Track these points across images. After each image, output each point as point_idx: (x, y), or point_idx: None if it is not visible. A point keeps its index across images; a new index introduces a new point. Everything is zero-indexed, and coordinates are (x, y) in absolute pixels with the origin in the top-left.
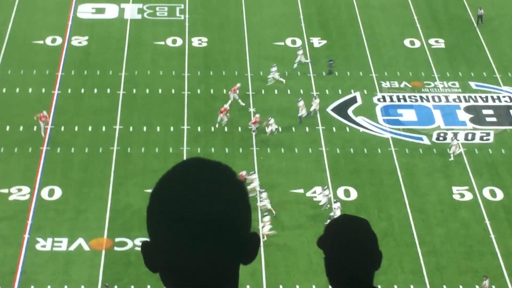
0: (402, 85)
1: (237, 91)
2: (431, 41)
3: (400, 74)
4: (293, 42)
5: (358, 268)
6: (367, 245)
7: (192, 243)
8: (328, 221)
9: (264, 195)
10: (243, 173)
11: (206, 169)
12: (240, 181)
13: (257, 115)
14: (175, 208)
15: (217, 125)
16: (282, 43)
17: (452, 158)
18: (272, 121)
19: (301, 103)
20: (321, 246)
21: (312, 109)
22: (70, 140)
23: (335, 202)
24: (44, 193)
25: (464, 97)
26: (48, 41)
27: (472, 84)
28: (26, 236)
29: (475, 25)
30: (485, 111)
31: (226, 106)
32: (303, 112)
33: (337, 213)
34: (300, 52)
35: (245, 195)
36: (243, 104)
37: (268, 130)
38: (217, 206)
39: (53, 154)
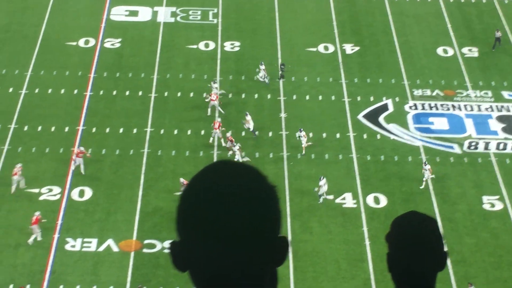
0: (434, 93)
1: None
2: (464, 50)
3: (433, 82)
4: (326, 48)
5: (421, 267)
6: (433, 244)
7: (221, 245)
8: (320, 199)
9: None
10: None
11: (237, 171)
12: (271, 185)
13: (229, 134)
14: (204, 208)
15: (210, 140)
16: (315, 49)
17: (422, 186)
18: (237, 147)
19: (248, 117)
20: (387, 241)
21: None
22: (101, 141)
23: (321, 179)
24: (75, 194)
25: (497, 106)
26: (81, 42)
27: (505, 94)
28: (56, 236)
29: (493, 48)
30: None
31: (218, 119)
32: (249, 125)
33: (324, 188)
34: (263, 67)
35: (276, 198)
36: (222, 111)
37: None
38: (248, 208)
39: (84, 155)
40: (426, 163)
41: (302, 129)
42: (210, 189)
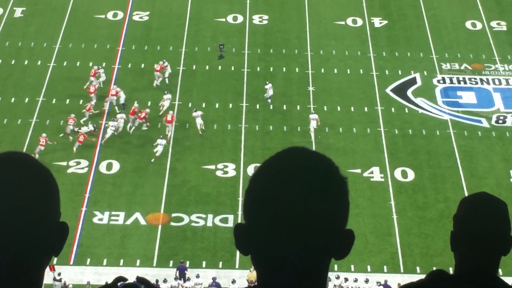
0: (462, 67)
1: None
2: (493, 23)
3: (461, 56)
4: (354, 21)
5: (485, 249)
6: (499, 228)
7: (287, 232)
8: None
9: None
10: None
11: (310, 158)
12: (342, 176)
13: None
14: (274, 193)
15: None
16: (343, 23)
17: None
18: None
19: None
20: (454, 219)
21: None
22: (128, 114)
23: (267, 84)
24: (102, 167)
25: None
26: (110, 15)
27: None
28: (84, 209)
29: None
30: None
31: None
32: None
33: (270, 92)
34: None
35: (345, 192)
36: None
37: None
38: (318, 198)
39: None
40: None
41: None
42: (281, 174)
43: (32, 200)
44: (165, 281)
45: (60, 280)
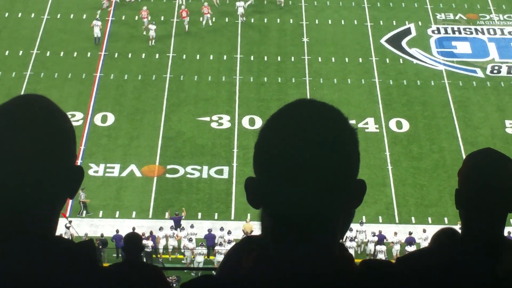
0: (457, 17)
1: None
2: None
3: (456, 6)
4: None
5: (491, 206)
6: (505, 184)
7: (298, 184)
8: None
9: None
10: None
11: (320, 110)
12: (352, 128)
13: None
14: (284, 146)
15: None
16: None
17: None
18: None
19: None
20: (458, 176)
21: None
22: (123, 67)
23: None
24: (97, 119)
25: None
26: None
27: None
28: (79, 161)
29: None
30: None
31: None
32: None
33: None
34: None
35: (356, 142)
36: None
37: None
38: (329, 149)
39: (107, 81)
40: None
41: None
42: (290, 126)
43: (49, 145)
44: (160, 229)
45: (68, 228)
